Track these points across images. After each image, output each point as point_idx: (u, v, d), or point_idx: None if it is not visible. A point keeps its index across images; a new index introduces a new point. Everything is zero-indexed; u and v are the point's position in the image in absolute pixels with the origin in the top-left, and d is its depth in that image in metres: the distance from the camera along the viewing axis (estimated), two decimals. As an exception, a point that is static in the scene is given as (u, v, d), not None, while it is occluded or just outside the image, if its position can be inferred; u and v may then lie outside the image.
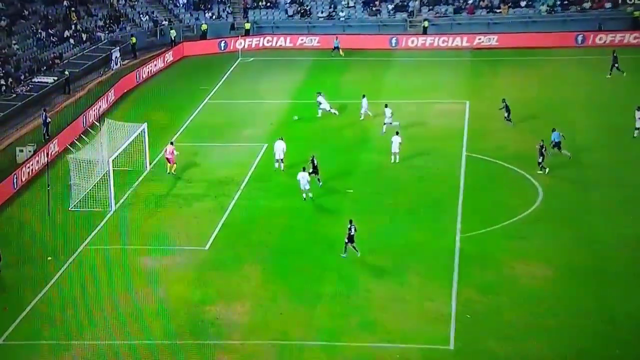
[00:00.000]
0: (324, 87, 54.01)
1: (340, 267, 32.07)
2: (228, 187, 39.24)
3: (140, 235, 34.99)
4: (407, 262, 32.33)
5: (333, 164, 41.30)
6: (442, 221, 35.50)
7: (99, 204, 37.36)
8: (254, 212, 36.93)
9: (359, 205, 37.27)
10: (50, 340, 28.25)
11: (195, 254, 33.43)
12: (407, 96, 51.71)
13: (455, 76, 55.10)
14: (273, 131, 46.17)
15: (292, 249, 33.69)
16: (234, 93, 53.39)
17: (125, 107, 51.46)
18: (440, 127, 46.04)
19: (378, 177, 40.13)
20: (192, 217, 36.52)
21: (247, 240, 34.46)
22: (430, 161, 41.56)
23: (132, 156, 41.05)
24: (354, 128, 45.96)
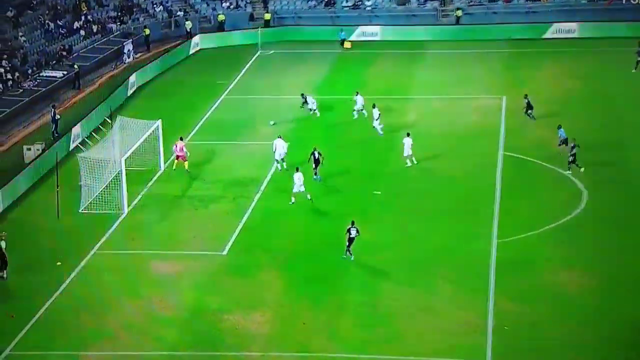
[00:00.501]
0: (348, 82, 54.17)
1: (366, 275, 32.04)
2: (247, 188, 39.35)
3: (153, 239, 35.17)
4: (438, 269, 32.22)
5: (357, 164, 41.32)
6: (477, 225, 35.36)
7: (111, 206, 37.57)
8: (274, 215, 36.99)
9: (387, 207, 37.25)
10: (59, 350, 28.44)
11: (212, 260, 33.55)
12: (438, 91, 51.59)
13: (490, 69, 54.88)
14: (294, 129, 46.27)
15: (315, 254, 33.68)
16: (253, 88, 53.54)
17: (138, 103, 51.84)
18: (474, 124, 45.87)
19: (406, 178, 40.07)
20: (209, 220, 36.65)
21: (268, 245, 34.54)
22: (464, 161, 41.45)
23: (146, 155, 41.25)
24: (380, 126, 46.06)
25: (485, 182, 39.18)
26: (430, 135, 44.69)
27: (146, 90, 54.36)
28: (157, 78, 56.30)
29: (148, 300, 30.83)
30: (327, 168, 40.87)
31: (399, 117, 47.78)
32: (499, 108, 47.59)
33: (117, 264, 33.32)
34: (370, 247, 33.81)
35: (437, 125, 45.97)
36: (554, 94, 50.05)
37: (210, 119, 48.42)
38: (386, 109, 49.14)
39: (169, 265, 33.09)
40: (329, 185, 39.37)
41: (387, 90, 52.19)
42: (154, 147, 41.52)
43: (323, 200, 37.72)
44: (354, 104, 46.65)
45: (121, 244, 34.89)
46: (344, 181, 39.88)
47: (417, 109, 49.19)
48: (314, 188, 38.97)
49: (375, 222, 35.87)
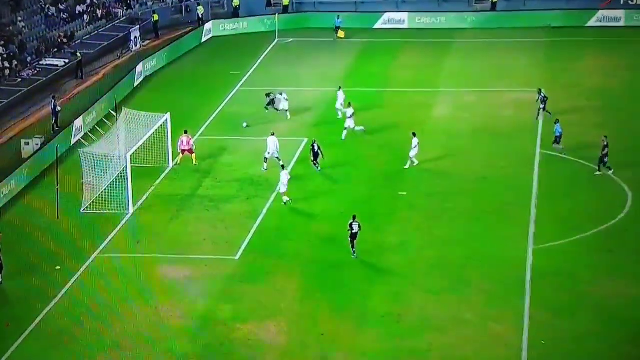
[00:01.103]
0: (372, 73, 54.09)
1: (390, 282, 31.97)
2: (261, 188, 39.37)
3: (161, 242, 35.23)
4: (470, 277, 32.09)
5: (380, 163, 41.22)
6: (512, 230, 35.21)
7: (115, 205, 37.68)
8: (291, 217, 36.98)
9: (414, 210, 37.16)
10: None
11: (223, 264, 33.58)
12: (470, 84, 51.47)
13: (528, 60, 54.66)
14: (315, 124, 46.25)
15: (335, 260, 33.63)
16: (270, 79, 53.53)
17: (145, 95, 52.00)
18: (509, 119, 45.70)
19: (434, 178, 39.96)
20: (220, 222, 36.69)
21: (284, 249, 34.53)
22: (497, 159, 41.30)
23: (153, 151, 41.32)
24: (401, 122, 45.79)
25: (521, 182, 38.99)
26: (461, 131, 44.55)
27: (154, 80, 54.51)
28: (166, 68, 56.46)
29: (155, 308, 30.87)
30: (347, 167, 40.85)
31: (427, 111, 47.68)
32: (536, 102, 47.37)
33: (121, 269, 33.37)
34: (396, 252, 33.79)
35: (469, 120, 45.83)
36: (596, 87, 49.75)
37: (223, 113, 48.48)
38: (413, 103, 49.04)
39: (178, 270, 33.14)
40: (349, 185, 39.36)
41: (414, 83, 52.10)
42: (161, 142, 41.60)
43: (344, 202, 37.66)
44: (336, 100, 46.11)
45: (126, 247, 34.96)
46: (366, 181, 39.85)
47: (447, 102, 49.07)
48: (332, 190, 38.85)
49: (401, 225, 35.82)
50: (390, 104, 49.22)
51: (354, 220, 33.14)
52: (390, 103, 49.34)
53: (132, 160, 38.60)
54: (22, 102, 48.97)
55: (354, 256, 33.21)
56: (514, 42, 58.20)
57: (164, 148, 41.65)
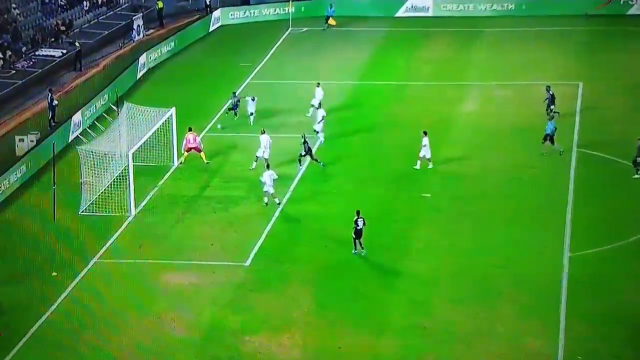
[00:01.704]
0: (394, 65, 54.05)
1: (413, 290, 31.96)
2: (274, 188, 39.51)
3: (165, 247, 35.34)
4: (499, 287, 32.04)
5: (401, 162, 41.20)
6: (545, 235, 35.13)
7: (116, 207, 37.81)
8: (306, 219, 37.03)
9: (438, 213, 37.15)
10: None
11: (232, 271, 33.63)
12: (501, 76, 51.41)
13: (564, 51, 54.53)
14: (331, 120, 46.29)
15: (354, 266, 33.66)
16: (283, 71, 53.63)
17: (149, 88, 52.15)
18: (543, 115, 45.53)
19: (460, 179, 39.97)
20: (229, 225, 36.77)
21: (297, 254, 34.57)
22: (530, 158, 41.24)
23: (157, 148, 41.47)
24: (424, 118, 45.83)
25: (556, 183, 38.93)
26: (490, 127, 44.49)
27: (158, 73, 54.68)
28: (171, 59, 56.64)
29: (158, 317, 30.95)
30: (365, 166, 40.88)
31: (453, 107, 47.63)
32: (573, 96, 47.22)
33: (123, 275, 33.50)
34: (419, 258, 33.81)
35: (499, 116, 45.76)
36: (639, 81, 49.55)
37: (232, 107, 48.70)
38: (438, 98, 49.00)
39: (183, 277, 33.23)
40: (366, 186, 39.41)
41: (439, 76, 52.10)
42: (166, 139, 41.75)
43: (361, 204, 37.65)
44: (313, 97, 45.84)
45: (127, 252, 35.08)
46: (385, 181, 39.88)
47: (475, 97, 49.02)
48: (349, 191, 38.90)
49: (425, 230, 35.84)
50: (412, 98, 49.19)
51: (359, 216, 33.48)
52: (413, 98, 49.30)
53: (135, 158, 38.72)
54: (17, 95, 49.20)
55: (362, 252, 33.55)
56: (548, 31, 58.08)
57: (168, 145, 41.78)
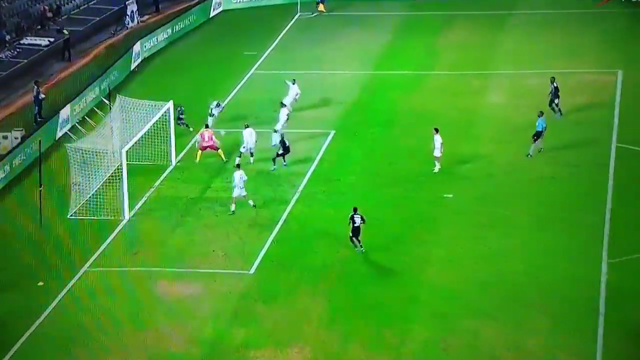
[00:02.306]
0: (413, 53, 53.88)
1: (435, 302, 31.85)
2: (281, 189, 39.43)
3: (162, 254, 35.30)
4: (531, 298, 31.90)
5: (420, 159, 41.03)
6: (581, 240, 35.00)
7: (108, 210, 37.82)
8: (316, 223, 36.95)
9: (462, 216, 37.00)
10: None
11: (236, 280, 33.59)
12: (531, 64, 51.18)
13: (603, 35, 54.29)
14: (344, 114, 46.15)
15: (369, 275, 33.60)
16: (290, 60, 53.53)
17: (144, 80, 52.14)
18: (579, 107, 45.43)
19: (486, 177, 39.85)
20: (232, 230, 36.74)
21: (307, 262, 34.49)
22: (565, 155, 41.10)
23: (153, 146, 41.44)
24: (446, 111, 45.78)
25: (594, 183, 38.78)
26: (520, 121, 44.29)
27: (154, 63, 54.67)
28: (168, 47, 56.60)
29: (155, 331, 30.88)
30: (380, 165, 40.78)
31: (478, 98, 47.48)
32: (612, 86, 46.90)
33: (115, 285, 33.44)
34: (441, 266, 33.68)
35: (529, 108, 45.47)
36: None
37: (235, 100, 48.55)
38: (462, 88, 48.83)
39: (182, 287, 33.19)
40: (382, 187, 39.35)
41: (463, 64, 51.90)
42: (163, 136, 41.71)
43: (377, 207, 37.59)
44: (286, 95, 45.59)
45: (121, 259, 35.05)
46: (403, 181, 39.76)
47: (503, 87, 48.85)
48: (363, 192, 38.78)
49: (447, 234, 35.71)
50: (432, 89, 49.03)
51: (355, 213, 33.85)
52: (433, 89, 49.14)
53: (129, 156, 38.67)
54: (0, 88, 49.20)
55: (361, 250, 33.92)
56: (582, 13, 57.79)
57: (166, 142, 41.71)
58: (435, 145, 39.49)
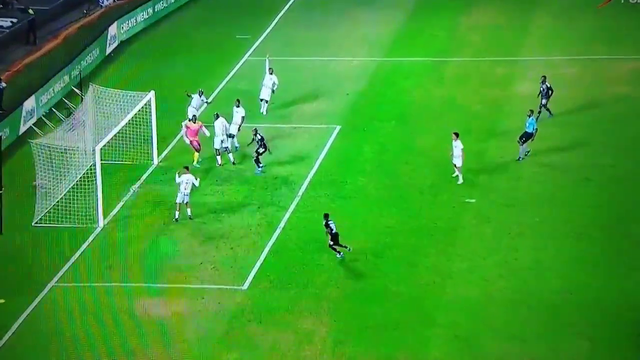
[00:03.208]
0: (432, 36, 53.86)
1: (457, 323, 31.79)
2: (279, 193, 39.50)
3: (142, 267, 35.27)
4: (568, 319, 31.88)
5: (438, 159, 41.10)
6: (625, 252, 34.99)
7: (80, 217, 37.78)
8: (319, 232, 36.82)
9: (486, 223, 37.03)
10: None
11: (227, 297, 33.57)
12: (566, 49, 51.33)
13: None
14: (350, 106, 46.13)
15: (380, 291, 33.57)
16: (290, 45, 53.54)
17: (121, 66, 52.15)
18: (622, 98, 45.49)
19: (515, 180, 39.94)
20: (223, 240, 36.77)
21: (309, 276, 34.47)
22: (606, 154, 41.21)
23: (132, 142, 41.51)
24: (469, 103, 45.91)
25: (636, 186, 38.92)
26: (555, 115, 44.24)
27: (133, 47, 54.75)
28: (148, 30, 56.65)
29: (132, 355, 30.84)
30: (399, 166, 40.71)
31: (506, 88, 47.55)
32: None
33: (88, 303, 33.38)
34: (463, 282, 33.68)
35: (565, 99, 45.57)
36: None
37: (226, 91, 48.68)
38: (487, 77, 48.88)
39: (165, 306, 33.14)
40: (395, 190, 39.40)
41: (489, 49, 52.04)
42: (144, 131, 41.72)
43: (390, 213, 37.63)
44: None
45: (94, 274, 35.02)
46: (421, 183, 39.85)
47: (535, 76, 48.81)
48: (374, 197, 38.76)
49: (469, 245, 35.73)
50: (454, 78, 49.19)
51: (328, 219, 34.48)
52: (454, 78, 49.30)
53: (104, 155, 38.71)
54: (-45, 76, 49.25)
55: (346, 252, 34.48)
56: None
57: (147, 139, 41.75)
58: (455, 152, 39.34)
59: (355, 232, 36.59)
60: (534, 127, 40.79)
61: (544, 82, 43.93)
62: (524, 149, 40.87)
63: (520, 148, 40.87)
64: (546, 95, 43.72)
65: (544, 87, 43.82)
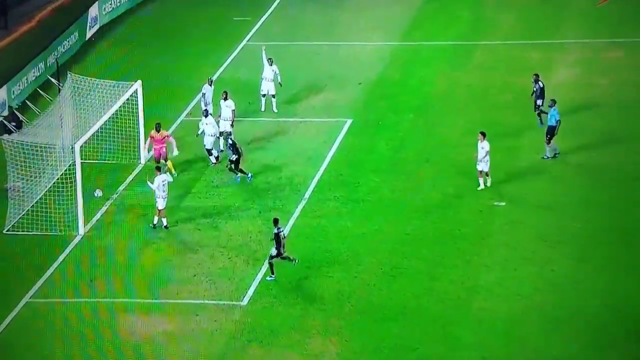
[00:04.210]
0: (457, 17, 53.82)
1: (484, 343, 31.77)
2: (283, 196, 39.59)
3: (128, 280, 35.27)
4: (612, 337, 31.78)
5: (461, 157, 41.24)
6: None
7: (57, 223, 37.84)
8: (328, 240, 37.00)
9: (518, 230, 37.01)
10: None
11: (224, 314, 33.55)
12: (612, 32, 51.33)
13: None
14: (363, 96, 46.08)
15: (399, 307, 33.52)
16: (294, 28, 53.64)
17: (103, 53, 52.19)
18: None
19: (551, 180, 40.00)
20: (219, 249, 36.77)
21: (317, 290, 34.49)
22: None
23: (116, 139, 41.59)
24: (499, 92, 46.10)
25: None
26: (597, 105, 44.42)
27: (117, 31, 54.78)
28: (134, 11, 56.63)
29: (117, 381, 30.93)
30: (417, 165, 40.95)
31: (542, 76, 47.35)
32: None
33: (66, 321, 33.40)
34: (492, 295, 33.67)
35: (611, 88, 45.54)
36: None
37: (223, 80, 48.61)
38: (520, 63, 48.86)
39: (153, 324, 33.16)
40: (414, 192, 39.46)
41: (522, 31, 52.10)
42: (131, 126, 41.80)
43: (410, 215, 37.63)
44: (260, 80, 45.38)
45: (73, 288, 35.02)
46: (443, 184, 39.95)
47: (575, 61, 48.91)
48: (390, 200, 38.76)
49: (499, 253, 35.77)
50: (481, 65, 49.28)
51: (277, 226, 34.50)
52: (482, 64, 49.38)
53: (84, 153, 38.71)
54: None
55: (295, 262, 34.68)
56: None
57: (133, 135, 41.85)
58: (480, 155, 39.01)
59: (369, 240, 36.66)
60: (556, 120, 40.72)
61: (537, 82, 43.38)
62: (552, 148, 40.81)
63: (547, 147, 40.81)
64: (541, 96, 43.34)
65: (537, 86, 43.28)
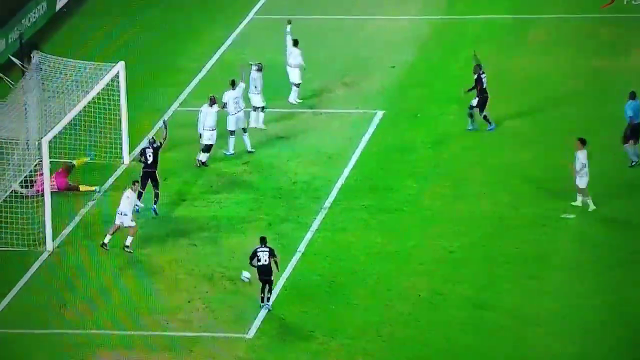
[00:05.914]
0: None
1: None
2: (298, 204, 39.82)
3: (108, 307, 35.33)
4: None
5: (523, 153, 41.73)
6: None
7: (21, 236, 37.96)
8: (353, 259, 37.11)
9: (590, 248, 37.13)
10: None
11: (225, 349, 33.61)
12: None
13: None
14: (397, 83, 46.15)
15: (438, 342, 33.56)
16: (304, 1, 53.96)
17: (77, 27, 52.49)
18: None
19: (629, 188, 40.36)
20: (221, 269, 36.86)
21: (339, 320, 34.50)
22: None
23: (94, 133, 41.89)
24: (576, 77, 46.45)
25: None
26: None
27: (92, 2, 54.89)
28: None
29: None
30: (462, 166, 41.22)
31: (615, 57, 47.84)
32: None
33: (33, 355, 33.52)
34: (556, 326, 33.79)
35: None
36: None
37: (223, 61, 49.22)
38: (593, 42, 49.11)
39: None
40: (466, 199, 39.78)
41: (589, 2, 52.32)
42: (111, 118, 42.04)
43: (454, 233, 37.82)
44: None
45: (41, 315, 35.11)
46: (495, 190, 40.19)
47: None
48: (432, 209, 39.04)
49: (565, 276, 35.95)
50: (540, 43, 49.70)
51: (262, 245, 34.26)
52: (541, 42, 49.81)
53: (54, 150, 38.93)
54: None
55: (266, 306, 34.58)
56: None
57: (115, 129, 42.09)
58: (578, 167, 38.91)
59: (404, 259, 36.80)
60: (635, 110, 40.72)
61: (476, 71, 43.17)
62: (634, 151, 40.77)
63: (629, 149, 40.78)
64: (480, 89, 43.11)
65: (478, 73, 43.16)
